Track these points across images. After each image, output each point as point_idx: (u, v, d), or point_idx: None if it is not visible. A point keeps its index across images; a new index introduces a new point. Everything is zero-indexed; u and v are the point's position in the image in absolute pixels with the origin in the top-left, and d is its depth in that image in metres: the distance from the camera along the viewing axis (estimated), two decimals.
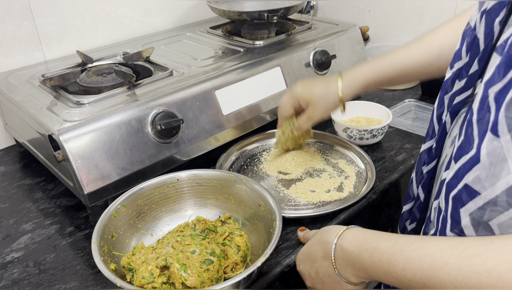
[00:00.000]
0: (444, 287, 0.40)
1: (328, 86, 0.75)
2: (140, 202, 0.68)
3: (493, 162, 0.40)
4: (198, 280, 0.55)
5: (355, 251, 0.50)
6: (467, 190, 0.43)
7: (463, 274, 0.39)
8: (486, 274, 0.38)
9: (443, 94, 0.57)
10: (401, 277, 0.44)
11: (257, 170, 0.85)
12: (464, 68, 0.53)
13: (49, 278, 0.63)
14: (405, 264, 0.43)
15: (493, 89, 0.41)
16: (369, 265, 0.48)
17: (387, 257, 0.46)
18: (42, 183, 0.85)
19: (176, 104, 0.77)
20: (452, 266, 0.40)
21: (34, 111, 0.75)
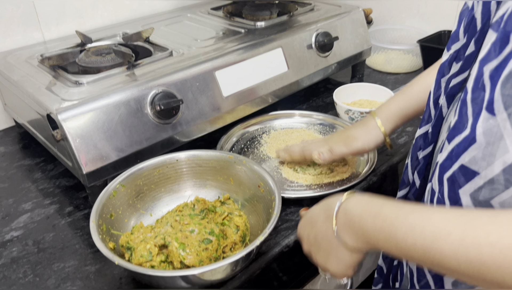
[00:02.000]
0: (444, 257, 0.39)
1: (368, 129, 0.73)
2: (139, 182, 0.67)
3: (489, 141, 0.39)
4: (197, 259, 0.55)
5: (358, 214, 0.48)
6: (464, 170, 0.42)
7: (465, 245, 0.38)
8: (488, 248, 0.37)
9: (440, 77, 0.55)
10: (401, 243, 0.42)
11: (257, 152, 0.85)
12: (461, 49, 0.52)
13: (48, 256, 0.63)
14: (407, 230, 0.42)
15: (488, 67, 0.40)
16: (370, 229, 0.46)
17: (390, 222, 0.44)
18: (42, 164, 0.84)
19: (176, 84, 0.76)
20: (455, 236, 0.39)
21: (32, 91, 0.74)
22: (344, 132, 0.76)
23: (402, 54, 1.17)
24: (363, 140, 0.73)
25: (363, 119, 0.75)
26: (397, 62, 1.16)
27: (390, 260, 0.69)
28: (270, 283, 0.64)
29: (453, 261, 0.39)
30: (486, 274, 0.37)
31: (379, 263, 0.72)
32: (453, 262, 0.39)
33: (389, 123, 0.73)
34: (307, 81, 0.97)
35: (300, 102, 1.03)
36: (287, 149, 0.80)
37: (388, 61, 1.16)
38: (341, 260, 0.51)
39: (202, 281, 0.54)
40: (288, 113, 0.94)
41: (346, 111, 0.89)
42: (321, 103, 1.03)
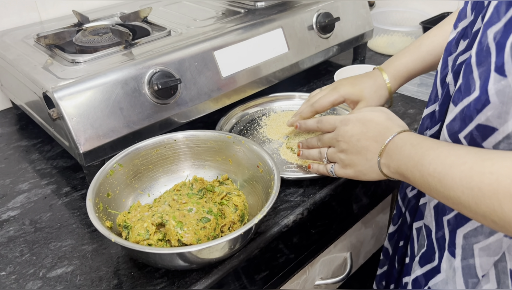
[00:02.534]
0: (453, 184, 0.43)
1: (376, 80, 0.73)
2: (137, 162, 0.66)
3: (503, 101, 0.40)
4: (194, 237, 0.54)
5: (401, 143, 0.53)
6: (482, 128, 0.43)
7: (472, 172, 0.41)
8: (489, 175, 0.40)
9: (447, 56, 0.55)
10: (424, 170, 0.47)
11: (257, 134, 0.84)
12: (469, 26, 0.51)
13: (45, 236, 0.63)
14: (433, 158, 0.46)
15: (492, 30, 0.41)
16: (405, 156, 0.51)
17: (423, 151, 0.48)
18: (39, 145, 0.84)
19: (174, 64, 0.75)
20: (467, 165, 0.42)
21: (28, 69, 0.73)
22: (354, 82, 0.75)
23: (404, 37, 1.15)
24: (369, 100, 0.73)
25: (372, 74, 0.75)
26: (399, 45, 1.14)
27: (395, 241, 0.69)
28: (269, 264, 0.64)
29: (459, 188, 0.42)
30: (481, 201, 0.40)
31: (385, 244, 0.72)
32: (459, 189, 0.42)
33: (396, 82, 0.74)
34: (307, 62, 0.95)
35: (301, 84, 1.01)
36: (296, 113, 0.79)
37: (390, 43, 1.15)
38: (365, 173, 0.59)
39: (199, 259, 0.53)
40: (288, 95, 0.93)
41: None
42: (322, 85, 1.01)
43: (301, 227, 0.66)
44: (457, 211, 0.47)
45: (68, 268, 0.58)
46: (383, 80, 0.73)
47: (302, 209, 0.65)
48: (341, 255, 0.87)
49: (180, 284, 0.55)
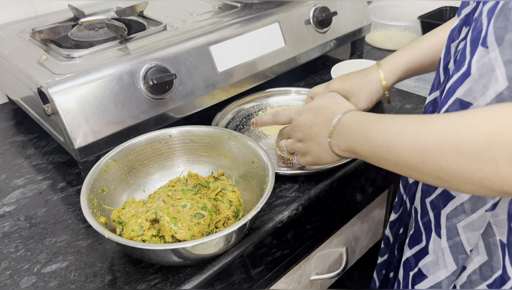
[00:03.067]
0: (401, 150, 0.44)
1: (367, 75, 0.73)
2: (132, 158, 0.66)
3: (482, 73, 0.41)
4: (188, 233, 0.54)
5: (348, 122, 0.55)
6: (457, 103, 0.44)
7: (418, 135, 0.42)
8: (434, 134, 0.41)
9: (450, 43, 0.55)
10: (372, 142, 0.48)
11: (253, 130, 0.84)
12: (470, 13, 0.51)
13: (40, 231, 0.63)
14: (380, 129, 0.48)
15: (486, 7, 0.42)
16: (353, 132, 0.53)
17: (370, 125, 0.50)
18: (35, 140, 0.83)
19: (169, 59, 0.74)
20: (413, 130, 0.43)
21: (23, 64, 0.73)
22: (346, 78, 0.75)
23: (402, 31, 1.15)
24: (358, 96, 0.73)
25: (367, 69, 0.74)
26: (397, 39, 1.14)
27: (396, 229, 0.70)
28: (263, 259, 0.64)
29: (407, 152, 0.43)
30: (428, 160, 0.41)
31: (386, 233, 0.73)
32: (406, 153, 0.43)
33: (392, 76, 0.72)
34: (304, 57, 0.95)
35: (297, 79, 1.01)
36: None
37: (388, 38, 1.14)
38: (321, 157, 0.60)
39: (193, 255, 0.54)
40: (285, 90, 0.93)
41: None
42: (319, 80, 1.01)
43: (296, 223, 0.66)
44: (406, 175, 0.48)
45: (63, 263, 0.58)
46: (377, 75, 0.72)
47: (297, 204, 0.65)
48: (337, 250, 0.87)
49: (174, 279, 0.55)
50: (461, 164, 0.39)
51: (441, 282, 0.54)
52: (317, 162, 0.62)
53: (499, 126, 0.36)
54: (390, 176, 0.86)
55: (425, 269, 0.56)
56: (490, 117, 0.37)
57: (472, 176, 0.39)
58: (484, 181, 0.38)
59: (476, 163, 0.38)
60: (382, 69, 0.72)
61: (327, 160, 0.60)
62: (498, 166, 0.36)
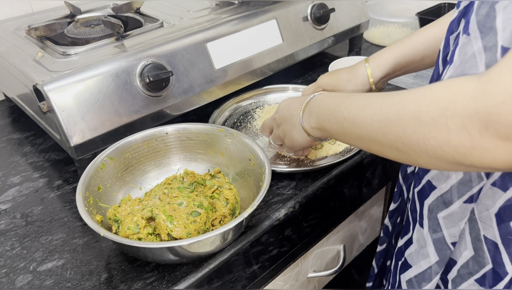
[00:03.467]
0: (365, 122, 0.45)
1: (353, 69, 0.73)
2: (128, 155, 0.66)
3: (463, 60, 0.41)
4: (184, 231, 0.54)
5: (320, 98, 0.56)
6: None
7: (381, 107, 0.44)
8: (396, 104, 0.42)
9: (449, 35, 0.55)
10: (339, 115, 0.50)
11: (251, 127, 0.83)
12: (469, 5, 0.51)
13: (36, 229, 0.63)
14: (348, 104, 0.49)
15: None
16: (323, 107, 0.54)
17: (339, 99, 0.51)
18: (31, 138, 0.83)
19: (166, 56, 0.74)
20: (378, 103, 0.44)
21: (18, 62, 0.72)
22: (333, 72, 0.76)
23: (400, 28, 1.14)
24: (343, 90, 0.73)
25: (354, 65, 0.74)
26: (396, 36, 1.13)
27: (395, 220, 0.70)
28: (260, 257, 0.64)
29: (370, 123, 0.45)
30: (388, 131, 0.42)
31: (385, 222, 0.73)
32: (369, 124, 0.45)
33: (380, 71, 0.71)
34: (302, 54, 0.94)
35: (295, 76, 1.01)
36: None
37: (386, 35, 1.14)
38: (294, 138, 0.62)
39: (190, 253, 0.53)
40: (282, 87, 0.93)
41: None
42: (317, 77, 0.99)
43: (293, 221, 0.66)
44: (367, 149, 0.49)
45: (59, 261, 0.57)
46: (364, 69, 0.72)
47: (293, 202, 0.65)
48: (334, 247, 0.87)
49: (171, 277, 0.55)
50: (418, 133, 0.39)
51: (424, 272, 0.55)
52: (291, 145, 0.64)
53: (455, 94, 0.37)
54: (388, 174, 0.86)
55: (410, 259, 0.58)
56: (448, 87, 0.38)
57: (427, 145, 0.39)
58: (437, 150, 0.38)
59: (431, 132, 0.38)
60: (369, 63, 0.71)
61: (300, 142, 0.62)
62: (450, 134, 0.37)
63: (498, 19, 0.39)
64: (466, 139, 0.36)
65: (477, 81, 0.35)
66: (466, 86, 0.36)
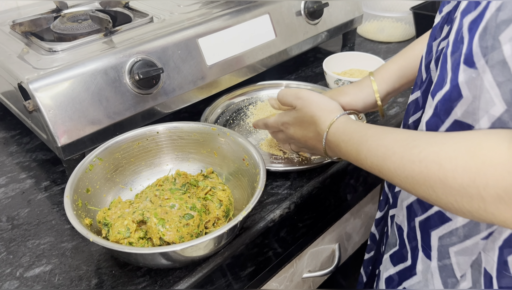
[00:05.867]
0: (392, 174, 0.44)
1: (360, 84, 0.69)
2: (118, 156, 0.64)
3: (475, 95, 0.39)
4: (177, 235, 0.53)
5: (335, 142, 0.56)
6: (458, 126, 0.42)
7: (403, 162, 0.42)
8: (418, 163, 0.41)
9: (432, 41, 0.54)
10: (364, 164, 0.49)
11: (244, 124, 0.82)
12: (452, 11, 0.50)
13: (22, 233, 0.60)
14: (366, 153, 0.48)
15: (467, 19, 0.40)
16: (344, 153, 0.54)
17: (356, 146, 0.51)
18: (17, 137, 0.81)
19: (156, 52, 0.72)
20: (397, 155, 0.43)
21: (2, 59, 0.69)
22: (338, 88, 0.72)
23: (394, 22, 1.13)
24: (352, 96, 0.68)
25: (362, 79, 0.71)
26: (389, 31, 1.12)
27: (382, 227, 0.69)
28: (255, 259, 0.62)
29: (397, 177, 0.44)
30: (417, 188, 0.41)
31: (372, 230, 0.73)
32: (397, 178, 0.44)
33: (385, 84, 0.68)
34: (296, 49, 0.93)
35: (289, 72, 0.99)
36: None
37: (380, 29, 1.12)
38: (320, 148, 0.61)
39: (183, 257, 0.52)
40: (275, 83, 0.91)
41: (336, 81, 0.86)
42: (311, 73, 0.99)
43: (288, 221, 0.65)
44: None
45: (47, 267, 0.55)
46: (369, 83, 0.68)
47: (289, 203, 0.64)
48: (329, 247, 0.86)
49: (163, 283, 0.53)
50: (449, 197, 0.38)
51: None
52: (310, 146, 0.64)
53: (484, 164, 0.35)
54: None
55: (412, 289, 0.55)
56: (474, 153, 0.36)
57: (461, 208, 0.38)
58: (474, 214, 0.37)
59: (464, 198, 0.37)
60: (375, 77, 0.68)
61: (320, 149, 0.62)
62: (486, 203, 0.35)
63: (506, 52, 0.36)
64: (504, 209, 0.34)
65: (507, 150, 0.34)
66: (496, 154, 0.35)
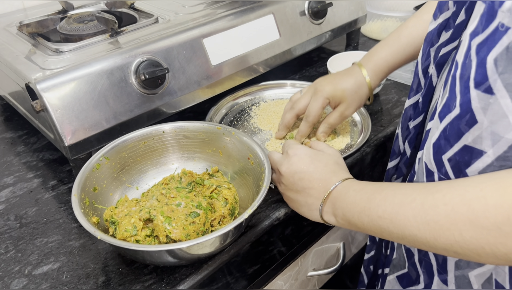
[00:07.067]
0: (407, 222, 0.42)
1: (357, 79, 0.71)
2: (124, 155, 0.65)
3: (493, 120, 0.38)
4: (183, 233, 0.53)
5: (344, 191, 0.52)
6: (467, 151, 0.41)
7: (424, 208, 0.41)
8: (443, 207, 0.39)
9: (429, 47, 0.54)
10: (372, 213, 0.46)
11: (248, 125, 0.82)
12: (451, 18, 0.51)
13: (30, 231, 0.61)
14: (380, 200, 0.45)
15: (475, 41, 0.39)
16: (349, 203, 0.50)
17: (368, 195, 0.47)
18: (25, 137, 0.81)
19: (161, 52, 0.73)
20: (418, 201, 0.42)
21: (10, 59, 0.70)
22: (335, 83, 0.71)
23: (398, 22, 1.13)
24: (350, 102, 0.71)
25: (352, 72, 0.72)
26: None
27: None
28: (260, 257, 0.63)
29: (414, 225, 0.41)
30: (440, 235, 0.39)
31: None
32: (414, 226, 0.41)
33: (377, 79, 0.71)
34: (300, 49, 0.93)
35: (293, 72, 0.99)
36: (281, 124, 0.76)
37: (384, 29, 1.13)
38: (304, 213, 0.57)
39: (189, 255, 0.52)
40: (279, 83, 0.91)
41: None
42: (315, 72, 0.99)
43: (293, 220, 0.65)
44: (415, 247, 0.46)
45: (55, 265, 0.56)
46: (363, 77, 0.71)
47: None
48: (334, 245, 0.86)
49: (169, 280, 0.54)
50: (480, 240, 0.37)
51: None
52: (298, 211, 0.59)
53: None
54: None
55: None
56: (502, 190, 0.36)
57: (494, 251, 0.37)
58: (509, 256, 0.36)
59: (497, 239, 0.36)
60: (367, 72, 0.71)
61: (308, 217, 0.57)
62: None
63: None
64: None
65: None
66: None
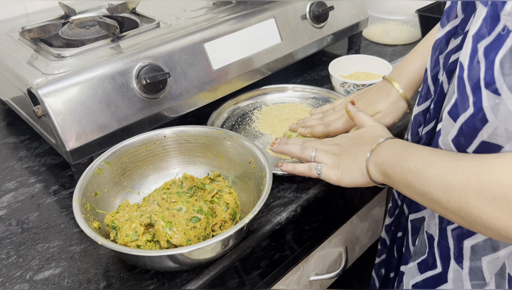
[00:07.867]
0: (429, 180, 0.45)
1: (390, 96, 0.71)
2: (125, 160, 0.65)
3: (502, 119, 0.40)
4: (184, 238, 0.53)
5: (392, 143, 0.56)
6: (486, 146, 0.43)
7: (447, 170, 0.44)
8: (461, 173, 0.42)
9: (438, 54, 0.55)
10: (405, 166, 0.49)
11: (249, 129, 0.82)
12: (460, 25, 0.51)
13: (32, 237, 0.61)
14: (416, 156, 0.49)
15: (482, 44, 0.40)
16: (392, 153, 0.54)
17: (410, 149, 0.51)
18: (27, 142, 0.82)
19: (163, 57, 0.73)
20: (444, 163, 0.45)
21: (12, 65, 0.70)
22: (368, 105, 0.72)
23: (400, 25, 1.13)
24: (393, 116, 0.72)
25: (384, 89, 0.72)
26: (395, 34, 1.12)
27: (393, 232, 0.69)
28: (261, 262, 0.63)
29: (434, 184, 0.45)
30: (451, 197, 0.43)
31: (382, 235, 0.73)
32: (433, 185, 0.45)
33: (411, 92, 0.72)
34: (301, 53, 0.93)
35: (294, 76, 0.99)
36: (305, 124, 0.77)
37: (385, 32, 1.13)
38: (351, 172, 0.60)
39: (190, 260, 0.52)
40: (281, 87, 0.91)
41: (342, 83, 0.86)
42: (316, 76, 0.99)
43: (294, 224, 0.65)
44: (431, 209, 0.48)
45: (56, 270, 0.56)
46: (397, 92, 0.71)
47: (295, 205, 0.64)
48: (336, 250, 0.85)
49: (171, 285, 0.54)
50: (480, 210, 0.40)
51: None
52: (342, 179, 0.61)
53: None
54: None
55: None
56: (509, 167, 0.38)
57: (489, 224, 0.40)
58: (501, 231, 0.39)
59: (494, 212, 0.39)
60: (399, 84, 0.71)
61: (354, 178, 0.60)
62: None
63: None
64: None
65: None
66: None
